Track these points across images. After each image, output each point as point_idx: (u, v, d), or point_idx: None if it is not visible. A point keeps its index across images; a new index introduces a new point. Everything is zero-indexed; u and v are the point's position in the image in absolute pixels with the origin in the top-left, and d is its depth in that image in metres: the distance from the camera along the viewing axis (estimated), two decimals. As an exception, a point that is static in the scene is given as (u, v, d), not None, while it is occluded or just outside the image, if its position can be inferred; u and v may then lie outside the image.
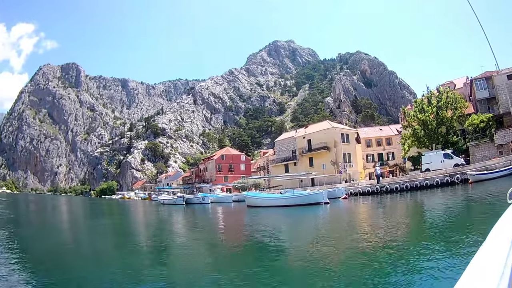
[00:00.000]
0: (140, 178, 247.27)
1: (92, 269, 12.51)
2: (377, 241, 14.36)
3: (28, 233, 23.14)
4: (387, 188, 55.73)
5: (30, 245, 18.07)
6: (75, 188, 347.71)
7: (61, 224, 36.85)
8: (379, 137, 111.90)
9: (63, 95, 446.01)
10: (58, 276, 11.20)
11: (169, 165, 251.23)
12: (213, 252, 15.56)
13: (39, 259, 14.05)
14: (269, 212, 40.32)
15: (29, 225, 29.45)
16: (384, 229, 18.10)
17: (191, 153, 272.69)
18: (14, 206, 63.20)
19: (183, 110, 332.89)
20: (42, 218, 43.92)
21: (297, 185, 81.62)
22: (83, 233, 26.22)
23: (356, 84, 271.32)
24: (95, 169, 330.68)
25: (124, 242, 19.98)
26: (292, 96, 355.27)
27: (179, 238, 21.83)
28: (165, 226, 32.21)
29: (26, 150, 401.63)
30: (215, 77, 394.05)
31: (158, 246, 17.66)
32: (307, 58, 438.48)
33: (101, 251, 16.89)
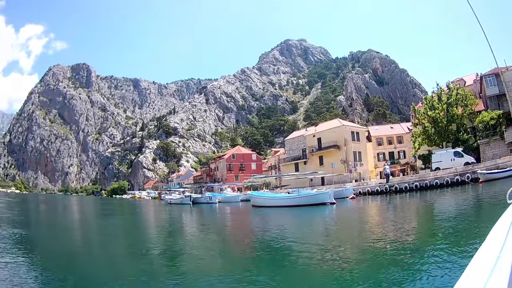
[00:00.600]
0: (151, 177, 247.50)
1: (91, 268, 12.68)
2: (381, 247, 13.33)
3: (33, 234, 23.10)
4: (396, 187, 54.15)
5: (39, 246, 18.15)
6: (86, 188, 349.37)
7: (63, 223, 36.93)
8: (390, 135, 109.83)
9: (73, 95, 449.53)
10: (65, 275, 11.26)
11: (181, 164, 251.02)
12: (211, 256, 14.90)
13: (48, 260, 14.04)
14: (272, 212, 39.52)
15: (31, 225, 29.00)
16: (391, 233, 17.24)
17: (203, 152, 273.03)
18: (19, 205, 62.76)
19: (195, 109, 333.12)
20: (47, 218, 43.92)
21: (307, 184, 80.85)
22: (82, 232, 26.14)
23: (368, 82, 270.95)
24: (106, 169, 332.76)
25: (122, 244, 19.57)
26: (304, 94, 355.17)
27: (172, 239, 21.22)
28: (162, 227, 31.87)
29: (36, 151, 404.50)
30: (227, 76, 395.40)
31: (155, 248, 17.26)
32: (319, 57, 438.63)
33: (97, 251, 16.91)
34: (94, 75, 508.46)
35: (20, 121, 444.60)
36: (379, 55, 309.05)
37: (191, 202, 71.72)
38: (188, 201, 73.14)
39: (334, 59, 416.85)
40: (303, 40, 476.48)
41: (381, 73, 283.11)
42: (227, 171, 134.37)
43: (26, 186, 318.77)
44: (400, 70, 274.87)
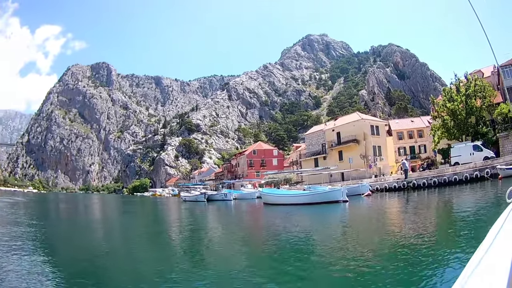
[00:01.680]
0: (173, 174, 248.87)
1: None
2: (385, 257, 11.39)
3: (43, 233, 22.19)
4: (414, 183, 52.36)
5: (54, 246, 17.64)
6: (108, 186, 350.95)
7: (72, 220, 36.71)
8: (411, 129, 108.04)
9: (94, 94, 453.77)
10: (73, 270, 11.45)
11: (204, 161, 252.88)
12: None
13: (64, 261, 13.70)
14: (281, 210, 36.82)
15: (35, 225, 28.81)
16: (403, 238, 14.60)
17: (226, 148, 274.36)
18: (32, 205, 61.83)
19: (218, 106, 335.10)
20: (57, 216, 43.80)
21: (327, 180, 78.40)
22: (81, 230, 24.98)
23: (389, 76, 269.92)
24: (128, 166, 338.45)
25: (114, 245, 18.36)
26: (327, 89, 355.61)
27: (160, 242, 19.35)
28: (162, 226, 30.48)
29: (56, 150, 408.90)
30: (250, 72, 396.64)
31: (136, 251, 15.97)
32: (341, 52, 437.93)
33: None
34: (114, 73, 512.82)
35: (39, 121, 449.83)
36: (399, 49, 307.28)
37: (205, 200, 71.14)
38: (203, 198, 72.65)
39: (355, 53, 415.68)
40: (325, 35, 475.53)
41: (402, 67, 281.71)
42: (248, 167, 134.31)
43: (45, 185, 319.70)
44: (421, 63, 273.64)
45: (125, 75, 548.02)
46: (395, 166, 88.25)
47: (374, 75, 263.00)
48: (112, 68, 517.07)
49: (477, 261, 2.33)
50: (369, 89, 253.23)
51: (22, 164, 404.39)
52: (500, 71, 62.95)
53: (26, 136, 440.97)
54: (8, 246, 15.09)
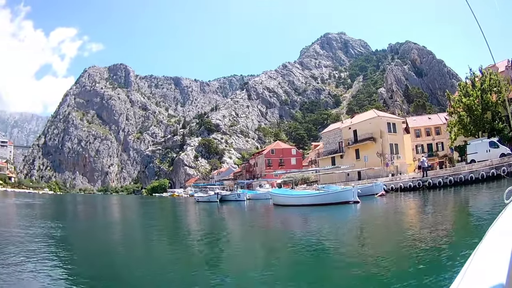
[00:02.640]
0: (193, 175, 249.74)
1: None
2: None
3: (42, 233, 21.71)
4: (430, 182, 51.51)
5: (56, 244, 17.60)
6: (127, 187, 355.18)
7: (78, 221, 36.58)
8: (428, 126, 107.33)
9: (112, 95, 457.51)
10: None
11: (224, 161, 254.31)
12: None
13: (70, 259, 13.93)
14: (288, 212, 37.26)
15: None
16: (412, 251, 12.24)
17: (246, 148, 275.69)
18: (44, 206, 61.24)
19: (238, 105, 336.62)
20: (66, 217, 42.50)
21: (344, 179, 79.61)
22: (87, 232, 24.47)
23: (407, 74, 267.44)
24: (147, 167, 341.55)
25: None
26: (347, 88, 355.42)
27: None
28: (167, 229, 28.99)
29: (74, 152, 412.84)
30: (269, 72, 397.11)
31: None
32: (359, 50, 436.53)
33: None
34: (132, 74, 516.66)
35: (55, 123, 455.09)
36: (416, 46, 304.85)
37: (218, 200, 71.12)
38: (215, 198, 72.71)
39: (374, 51, 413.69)
40: (343, 33, 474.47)
41: (420, 64, 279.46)
42: (266, 166, 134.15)
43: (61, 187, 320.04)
44: (438, 60, 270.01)
45: (143, 76, 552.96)
46: (413, 164, 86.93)
47: (392, 72, 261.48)
48: (130, 69, 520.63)
49: (475, 261, 2.34)
50: (388, 87, 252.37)
51: (39, 166, 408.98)
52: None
53: (43, 138, 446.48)
54: (25, 247, 15.17)
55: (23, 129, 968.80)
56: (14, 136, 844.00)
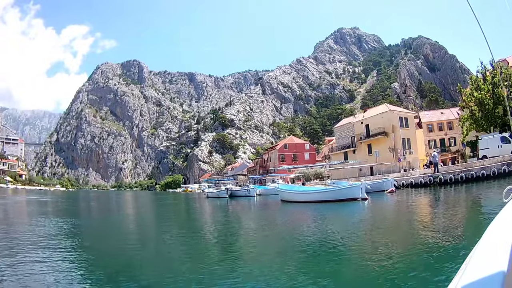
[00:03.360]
0: (207, 170, 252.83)
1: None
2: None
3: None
4: (441, 179, 49.89)
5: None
6: (140, 183, 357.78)
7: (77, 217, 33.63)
8: (441, 121, 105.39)
9: (125, 92, 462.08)
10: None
11: (238, 156, 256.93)
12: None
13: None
14: (293, 209, 35.75)
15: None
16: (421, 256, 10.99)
17: (260, 143, 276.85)
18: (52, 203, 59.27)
19: (252, 100, 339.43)
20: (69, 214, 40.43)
21: (356, 174, 79.09)
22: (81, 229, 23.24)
23: (420, 68, 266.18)
24: (161, 163, 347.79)
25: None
26: (361, 83, 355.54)
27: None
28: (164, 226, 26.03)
29: (87, 148, 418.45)
30: (283, 67, 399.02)
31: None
32: (372, 45, 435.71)
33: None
34: (146, 70, 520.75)
35: (68, 120, 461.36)
36: (429, 41, 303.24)
37: (227, 196, 70.31)
38: (225, 194, 72.18)
39: (387, 46, 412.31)
40: (356, 28, 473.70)
41: (432, 59, 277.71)
42: (279, 162, 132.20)
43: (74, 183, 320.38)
44: (450, 55, 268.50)
45: (157, 72, 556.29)
46: (425, 160, 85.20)
47: (405, 67, 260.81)
48: (143, 65, 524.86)
49: (473, 260, 2.36)
50: (401, 82, 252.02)
51: (51, 163, 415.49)
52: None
53: (55, 135, 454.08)
54: (38, 245, 14.81)
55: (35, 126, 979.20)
56: (26, 134, 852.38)
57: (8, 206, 45.89)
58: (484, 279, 2.05)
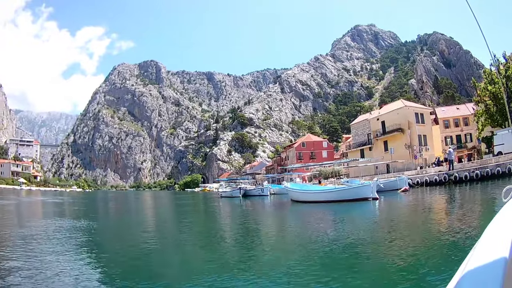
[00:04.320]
0: (226, 169, 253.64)
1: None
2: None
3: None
4: (456, 176, 48.44)
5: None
6: (160, 183, 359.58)
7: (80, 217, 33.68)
8: (456, 116, 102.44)
9: (143, 92, 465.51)
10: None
11: (257, 155, 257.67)
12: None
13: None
14: (297, 210, 34.42)
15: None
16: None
17: (280, 142, 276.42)
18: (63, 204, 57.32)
19: (271, 99, 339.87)
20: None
21: (373, 172, 77.11)
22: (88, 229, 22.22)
23: (436, 64, 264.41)
24: (180, 162, 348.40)
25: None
26: (378, 80, 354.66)
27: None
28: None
29: (105, 149, 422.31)
30: (301, 65, 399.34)
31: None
32: (389, 41, 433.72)
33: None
34: (164, 71, 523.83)
35: (85, 121, 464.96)
36: (444, 37, 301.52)
37: (240, 195, 69.98)
38: (238, 194, 71.70)
39: (403, 42, 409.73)
40: (372, 25, 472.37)
41: (448, 55, 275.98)
42: (297, 160, 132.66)
43: (90, 184, 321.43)
44: (464, 51, 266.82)
45: (175, 72, 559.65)
46: (442, 156, 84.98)
47: (421, 63, 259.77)
48: (161, 65, 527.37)
49: (472, 261, 2.33)
50: (418, 78, 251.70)
51: (68, 164, 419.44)
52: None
53: (72, 136, 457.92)
54: (57, 243, 15.01)
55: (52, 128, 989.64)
56: (42, 136, 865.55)
57: (11, 207, 45.12)
58: (483, 278, 2.05)
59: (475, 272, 2.14)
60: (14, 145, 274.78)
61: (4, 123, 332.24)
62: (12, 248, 14.01)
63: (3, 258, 11.95)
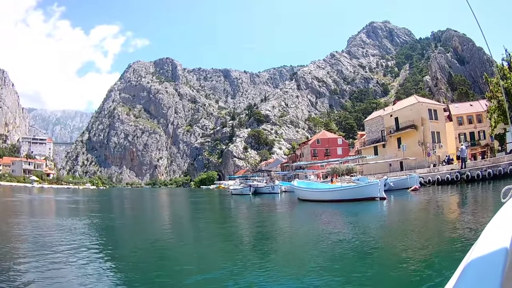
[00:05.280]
0: (242, 166, 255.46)
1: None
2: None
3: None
4: (468, 175, 46.97)
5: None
6: (176, 180, 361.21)
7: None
8: (470, 113, 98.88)
9: (159, 89, 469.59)
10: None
11: (274, 152, 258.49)
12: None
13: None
14: (300, 209, 32.98)
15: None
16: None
17: (296, 138, 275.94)
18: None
19: (287, 96, 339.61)
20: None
21: (387, 169, 78.11)
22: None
23: (450, 61, 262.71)
24: (196, 159, 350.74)
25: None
26: (394, 76, 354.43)
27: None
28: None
29: (120, 146, 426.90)
30: (317, 61, 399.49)
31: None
32: (404, 38, 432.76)
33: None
34: (180, 68, 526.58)
35: (100, 118, 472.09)
36: (457, 34, 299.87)
37: (250, 193, 69.26)
38: (248, 191, 70.92)
39: (418, 39, 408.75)
40: (387, 21, 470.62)
41: (461, 52, 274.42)
42: (311, 157, 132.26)
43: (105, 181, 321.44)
44: (477, 48, 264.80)
45: (191, 69, 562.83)
46: (455, 154, 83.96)
47: (435, 60, 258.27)
48: (177, 63, 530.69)
49: (471, 261, 2.36)
50: (432, 75, 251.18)
51: (83, 161, 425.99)
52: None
53: (87, 134, 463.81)
54: (69, 243, 14.44)
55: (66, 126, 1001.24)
56: (57, 134, 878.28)
57: (11, 205, 43.42)
58: (482, 278, 2.06)
59: (474, 272, 2.15)
60: (26, 143, 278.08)
61: (17, 122, 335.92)
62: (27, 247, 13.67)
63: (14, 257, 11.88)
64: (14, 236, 16.69)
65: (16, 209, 37.13)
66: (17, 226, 20.59)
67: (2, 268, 10.07)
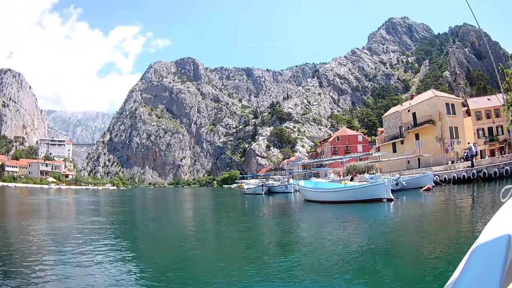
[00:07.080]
0: (265, 165, 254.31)
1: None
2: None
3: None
4: (485, 173, 44.62)
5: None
6: (199, 179, 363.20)
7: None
8: (488, 108, 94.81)
9: (181, 89, 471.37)
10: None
11: (296, 150, 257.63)
12: None
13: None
14: (307, 211, 30.85)
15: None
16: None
17: (319, 136, 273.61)
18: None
19: (309, 93, 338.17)
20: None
21: (404, 166, 77.79)
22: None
23: (468, 56, 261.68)
24: (219, 159, 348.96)
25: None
26: (414, 72, 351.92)
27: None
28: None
29: (143, 146, 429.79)
30: (339, 58, 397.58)
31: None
32: (423, 34, 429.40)
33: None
34: (202, 67, 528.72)
35: (122, 119, 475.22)
36: (473, 28, 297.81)
37: (262, 192, 67.11)
38: (261, 190, 68.56)
39: (436, 35, 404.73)
40: (406, 17, 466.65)
41: (478, 46, 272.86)
42: (331, 154, 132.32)
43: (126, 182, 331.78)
44: (493, 42, 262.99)
45: (213, 68, 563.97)
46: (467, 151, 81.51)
47: (454, 55, 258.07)
48: (198, 62, 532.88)
49: (470, 261, 2.37)
50: (451, 70, 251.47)
51: (104, 162, 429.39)
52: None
53: (108, 135, 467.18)
54: (89, 242, 14.72)
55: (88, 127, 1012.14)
56: (78, 135, 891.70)
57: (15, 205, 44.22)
58: (481, 278, 2.04)
59: (473, 272, 2.14)
60: (45, 145, 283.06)
61: (35, 124, 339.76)
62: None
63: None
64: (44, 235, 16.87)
65: (25, 209, 36.73)
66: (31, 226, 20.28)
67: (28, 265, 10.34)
